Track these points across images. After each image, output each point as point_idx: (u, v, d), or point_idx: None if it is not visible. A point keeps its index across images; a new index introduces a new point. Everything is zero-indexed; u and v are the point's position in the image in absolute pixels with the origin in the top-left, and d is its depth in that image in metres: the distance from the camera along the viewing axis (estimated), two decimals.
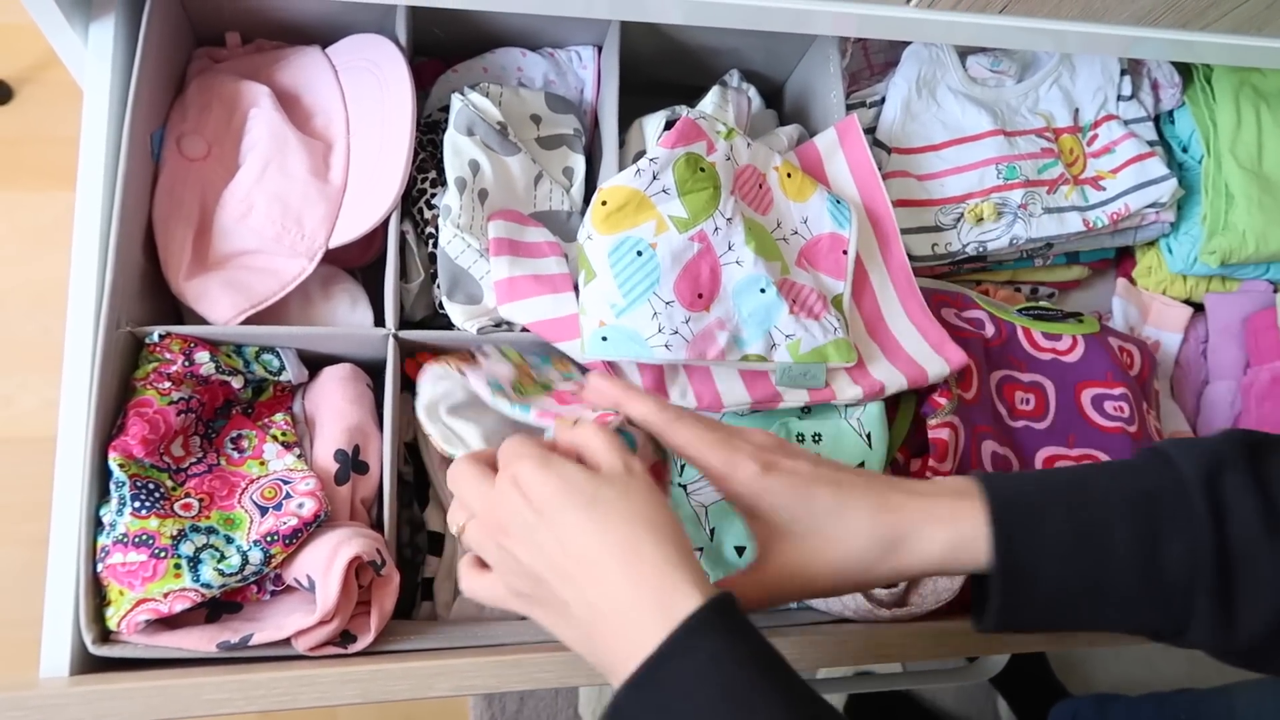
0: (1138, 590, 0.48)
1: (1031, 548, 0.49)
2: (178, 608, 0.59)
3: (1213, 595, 0.47)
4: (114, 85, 0.69)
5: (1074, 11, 0.69)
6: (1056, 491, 0.51)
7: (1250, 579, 0.47)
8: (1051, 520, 0.49)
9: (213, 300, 0.69)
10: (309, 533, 0.63)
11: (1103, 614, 0.50)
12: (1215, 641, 0.48)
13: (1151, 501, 0.49)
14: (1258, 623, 0.47)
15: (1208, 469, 0.49)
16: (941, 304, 0.82)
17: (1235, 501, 0.48)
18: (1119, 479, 0.51)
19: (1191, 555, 0.47)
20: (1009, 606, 0.50)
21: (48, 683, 0.58)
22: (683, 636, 0.43)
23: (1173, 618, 0.49)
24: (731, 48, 0.86)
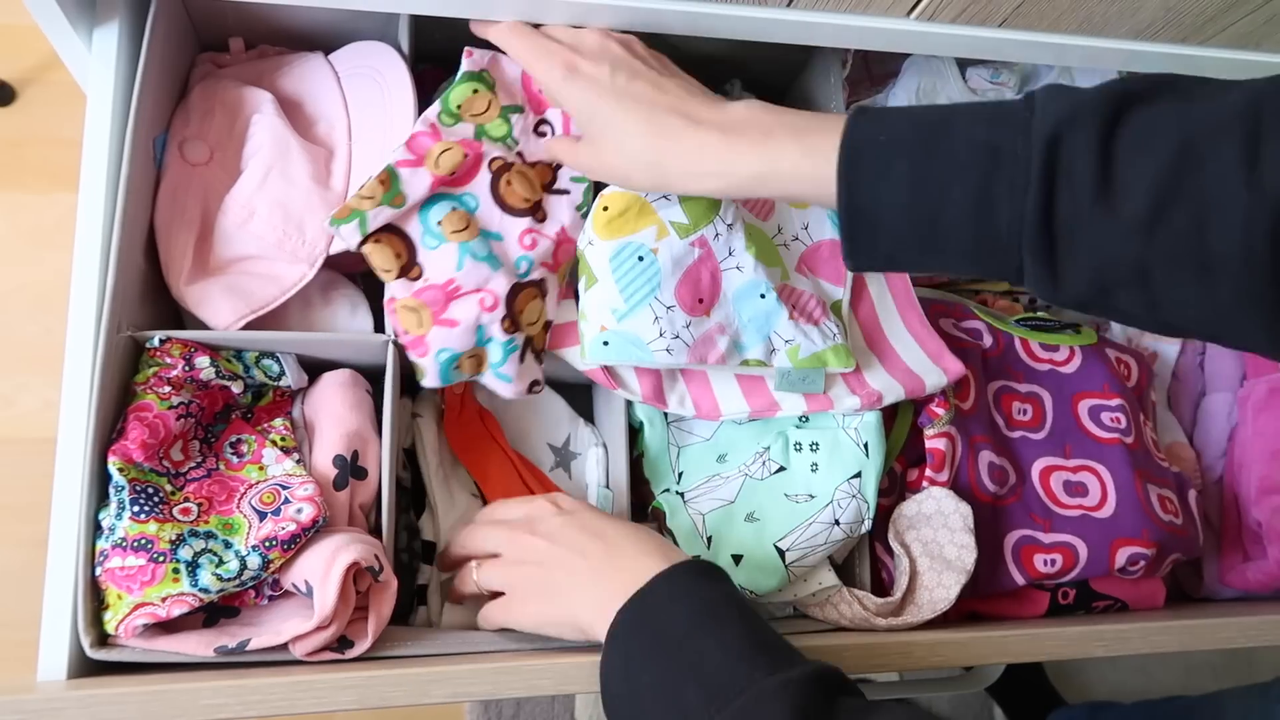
0: (971, 244, 0.51)
1: (874, 192, 0.53)
2: (175, 612, 0.59)
3: (1036, 257, 0.49)
4: (117, 90, 0.69)
5: (1074, 25, 0.70)
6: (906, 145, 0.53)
7: (1069, 245, 0.49)
8: (894, 173, 0.52)
9: (213, 305, 0.69)
10: (307, 538, 0.63)
11: (945, 261, 0.54)
12: (1044, 295, 0.52)
13: (993, 157, 0.50)
14: (1080, 283, 0.50)
15: (1057, 125, 0.49)
16: (939, 314, 0.83)
17: (1071, 165, 0.48)
18: (973, 127, 0.52)
19: (1018, 219, 0.49)
20: (854, 250, 0.55)
21: (45, 686, 0.58)
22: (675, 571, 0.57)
23: (1008, 266, 0.51)
24: (732, 57, 0.86)
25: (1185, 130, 0.47)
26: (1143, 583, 0.82)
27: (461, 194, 0.71)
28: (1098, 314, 0.55)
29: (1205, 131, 0.47)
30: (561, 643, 0.63)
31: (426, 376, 0.69)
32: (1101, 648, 0.70)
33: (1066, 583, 0.79)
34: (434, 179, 0.69)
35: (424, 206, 0.70)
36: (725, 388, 0.74)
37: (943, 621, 0.72)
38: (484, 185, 0.71)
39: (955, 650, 0.69)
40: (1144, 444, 0.83)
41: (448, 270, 0.69)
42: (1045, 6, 0.67)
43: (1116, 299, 0.50)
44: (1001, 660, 0.71)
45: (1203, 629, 0.72)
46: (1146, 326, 0.54)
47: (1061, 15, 0.68)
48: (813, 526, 0.70)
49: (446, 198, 0.71)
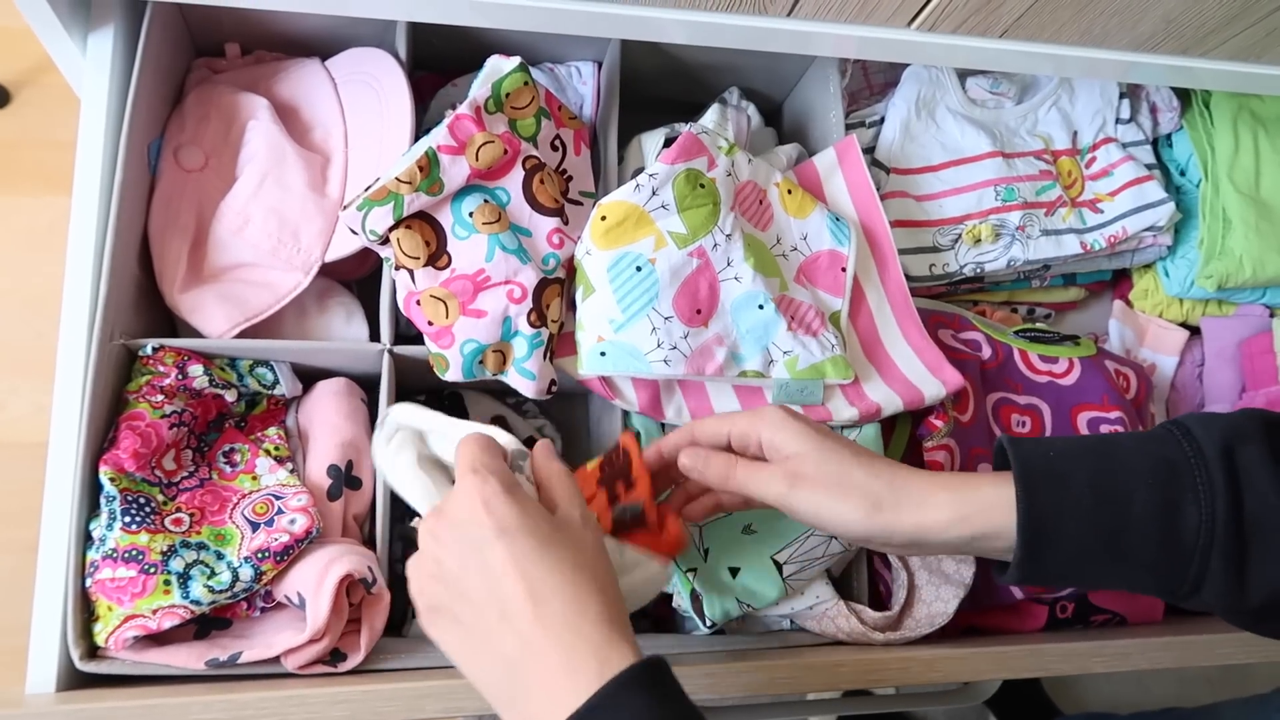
0: (1155, 553, 0.51)
1: (1054, 506, 0.52)
2: (166, 624, 0.59)
3: (1227, 558, 0.50)
4: (112, 95, 0.69)
5: (1074, 36, 0.69)
6: (1080, 456, 0.53)
7: (1263, 544, 0.50)
8: (1075, 483, 0.52)
9: (207, 313, 0.69)
10: (300, 549, 0.63)
11: (1120, 573, 0.52)
12: (1227, 602, 0.51)
13: (1171, 469, 0.51)
14: (1268, 586, 0.50)
15: (1225, 441, 0.51)
16: (939, 325, 0.82)
17: (1252, 471, 0.50)
18: (1141, 448, 0.53)
19: (1209, 521, 0.50)
20: (1031, 561, 0.52)
21: (34, 699, 0.58)
22: (614, 690, 0.43)
23: (1187, 579, 0.51)
24: (731, 65, 0.86)
25: None
26: (1141, 597, 0.81)
27: (495, 188, 0.71)
28: (1272, 625, 0.53)
29: None
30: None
31: (449, 370, 0.68)
32: (1101, 664, 0.69)
33: (1065, 596, 0.78)
34: (472, 170, 0.68)
35: (457, 197, 0.69)
36: (722, 399, 0.73)
37: (940, 636, 0.71)
38: (517, 182, 0.71)
39: (953, 665, 0.68)
40: None
41: (477, 261, 0.68)
42: (1046, 18, 0.67)
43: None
44: (1000, 676, 0.70)
45: (1201, 645, 0.72)
46: None
47: (1062, 26, 0.68)
48: (810, 540, 0.69)
49: (480, 190, 0.70)
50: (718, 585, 0.69)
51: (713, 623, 0.70)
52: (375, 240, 0.68)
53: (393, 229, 0.67)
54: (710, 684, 0.65)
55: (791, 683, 0.65)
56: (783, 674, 0.65)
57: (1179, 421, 0.53)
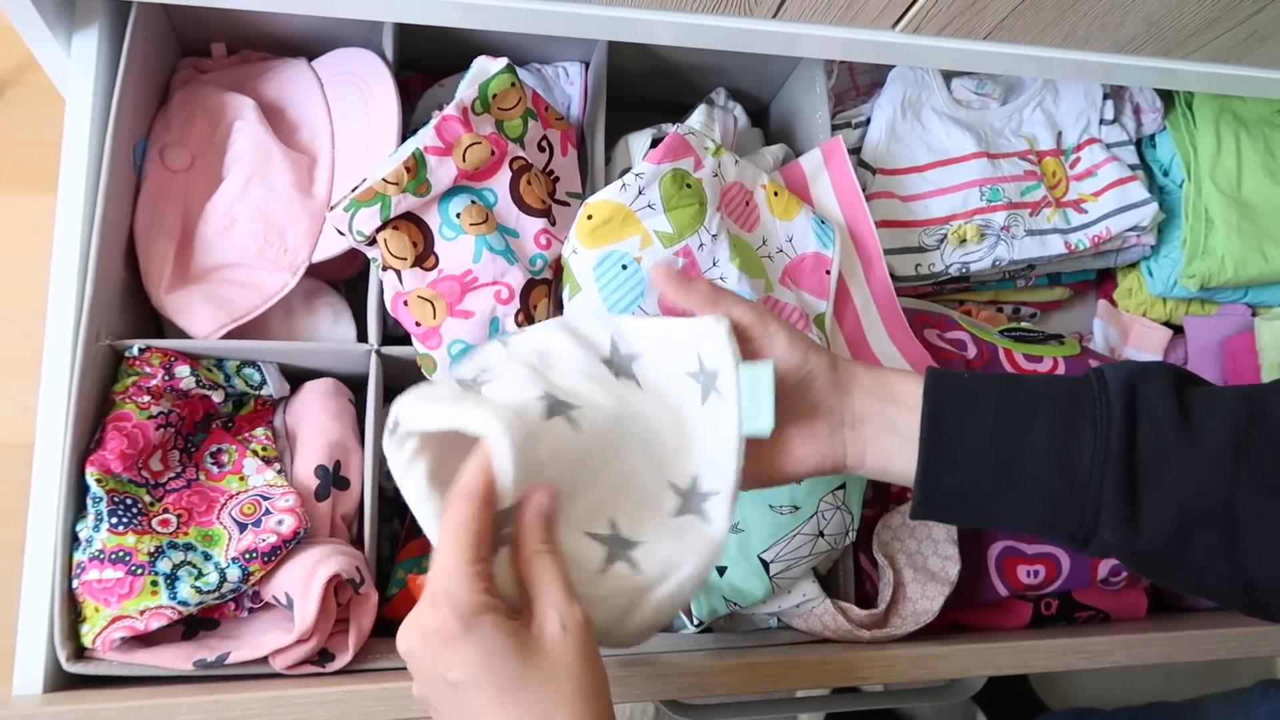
0: (1053, 483, 0.51)
1: (955, 425, 0.52)
2: (154, 625, 0.59)
3: (1119, 490, 0.49)
4: (96, 95, 0.69)
5: (1058, 39, 0.70)
6: (989, 381, 0.54)
7: (1155, 480, 0.49)
8: (979, 404, 0.52)
9: (194, 314, 0.69)
10: (288, 550, 0.63)
11: (1020, 504, 0.52)
12: (1122, 541, 0.50)
13: (1074, 398, 0.52)
14: (1161, 522, 0.49)
15: (1131, 377, 0.51)
16: (924, 324, 0.83)
17: (1151, 406, 0.50)
18: (1049, 381, 0.54)
19: (1103, 450, 0.50)
20: (931, 481, 0.52)
21: (20, 700, 0.58)
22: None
23: (1085, 515, 0.50)
24: (718, 66, 0.87)
25: (1244, 392, 0.52)
26: (1125, 593, 0.82)
27: (482, 189, 0.71)
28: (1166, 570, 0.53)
29: (1260, 391, 0.52)
30: None
31: (437, 370, 0.69)
32: (1084, 660, 0.70)
33: (1049, 594, 0.79)
34: (459, 171, 0.69)
35: (444, 198, 0.70)
36: None
37: (926, 633, 0.72)
38: (504, 183, 0.71)
39: (939, 663, 0.69)
40: None
41: (465, 262, 0.69)
42: (1030, 20, 0.67)
43: (1194, 542, 0.50)
44: (985, 673, 0.71)
45: (1184, 641, 0.73)
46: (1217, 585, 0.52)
47: (1046, 29, 0.68)
48: (797, 538, 0.69)
49: (466, 190, 0.70)
50: (705, 584, 0.69)
51: (700, 621, 0.70)
52: (362, 241, 0.68)
53: (380, 230, 0.68)
54: (698, 682, 0.65)
55: (778, 680, 0.66)
56: (770, 672, 0.66)
57: (1098, 367, 0.54)
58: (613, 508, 0.51)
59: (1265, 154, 0.91)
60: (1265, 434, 0.50)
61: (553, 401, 0.48)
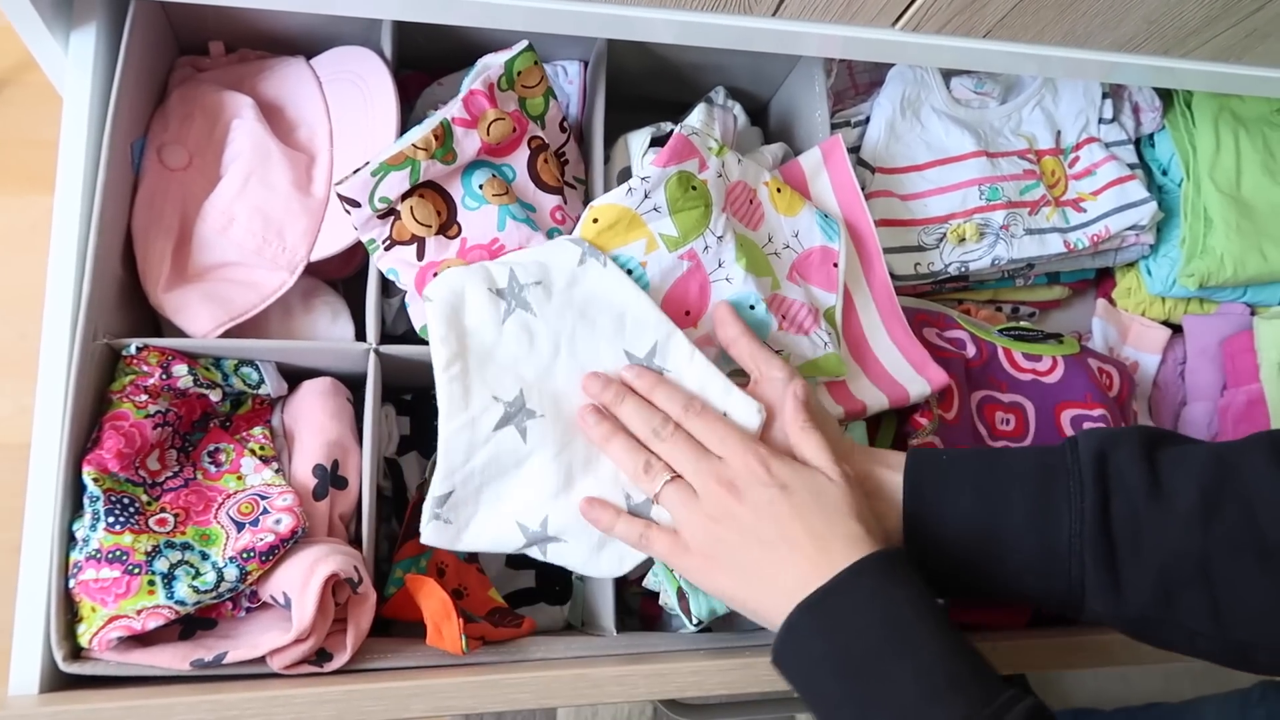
0: (1034, 555, 0.52)
1: (937, 501, 0.54)
2: (151, 625, 0.58)
3: (1099, 562, 0.51)
4: (94, 94, 0.68)
5: (1057, 37, 0.70)
6: (966, 458, 0.56)
7: (1131, 546, 0.51)
8: (955, 478, 0.55)
9: (192, 312, 0.69)
10: (286, 549, 0.63)
11: (1005, 578, 0.54)
12: (1107, 607, 0.52)
13: (1048, 473, 0.53)
14: (1142, 586, 0.51)
15: (1100, 444, 0.53)
16: (923, 323, 0.83)
17: (1122, 473, 0.52)
18: (1023, 455, 0.56)
19: (1080, 522, 0.51)
20: (921, 562, 0.53)
21: (16, 700, 0.57)
22: (865, 568, 0.50)
23: (1069, 586, 0.52)
24: (717, 65, 0.87)
25: (1214, 451, 0.53)
26: None
27: (501, 164, 0.72)
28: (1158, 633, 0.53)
29: (1231, 450, 0.53)
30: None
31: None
32: (1084, 659, 0.70)
33: None
34: (482, 144, 0.70)
35: (466, 171, 0.70)
36: None
37: None
38: (523, 160, 0.73)
39: None
40: None
41: (490, 230, 0.70)
42: (1029, 19, 0.67)
43: (1177, 603, 0.51)
44: None
45: None
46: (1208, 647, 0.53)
47: (1045, 27, 0.68)
48: None
49: (487, 165, 0.71)
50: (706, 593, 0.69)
51: (699, 621, 0.70)
52: (380, 210, 0.68)
53: (405, 197, 0.68)
54: (697, 681, 0.65)
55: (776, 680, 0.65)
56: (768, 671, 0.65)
57: (1071, 437, 0.56)
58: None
59: (1264, 153, 0.91)
60: (1234, 493, 0.50)
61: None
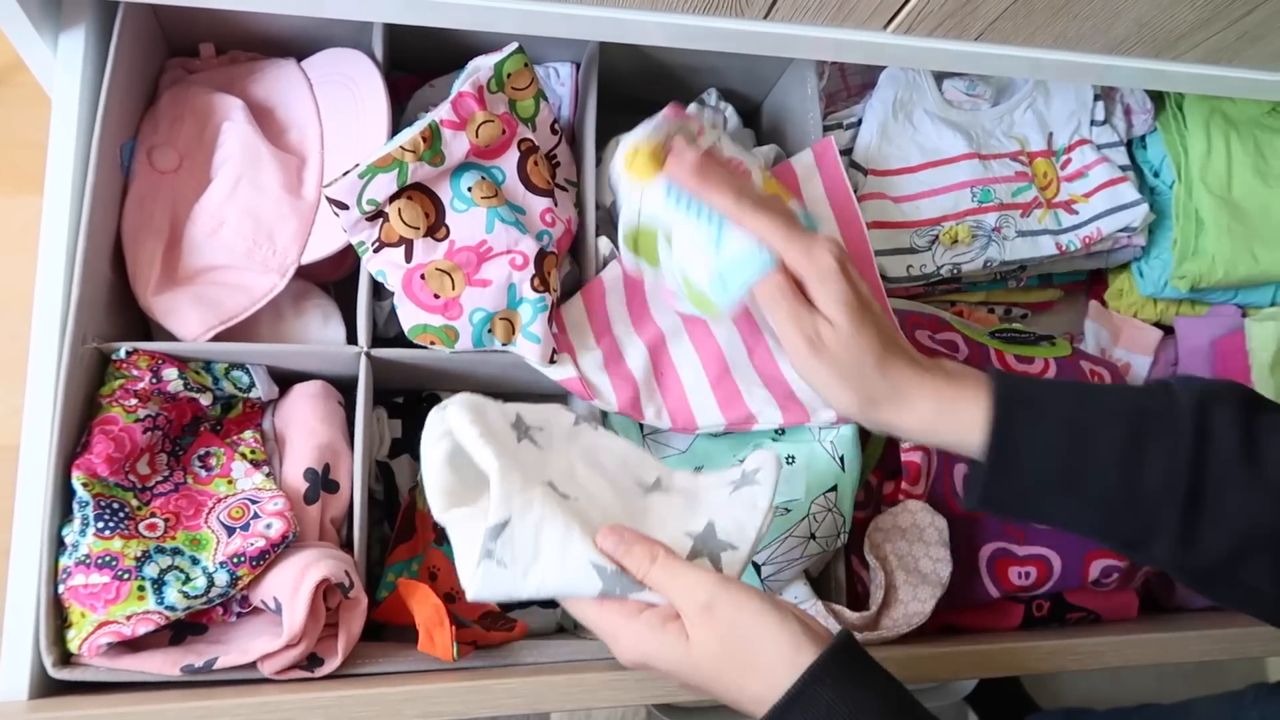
0: (1115, 493, 0.51)
1: (1025, 435, 0.53)
2: (141, 630, 0.58)
3: (1181, 511, 0.50)
4: (83, 96, 0.68)
5: (1049, 40, 0.70)
6: (1059, 391, 0.55)
7: (1218, 503, 0.50)
8: (1049, 414, 0.53)
9: (182, 316, 0.68)
10: (276, 554, 0.62)
11: (1079, 510, 0.53)
12: (1174, 557, 0.51)
13: (1144, 415, 0.52)
14: (1216, 546, 0.50)
15: (1202, 397, 0.52)
16: (915, 326, 0.83)
17: (1220, 430, 0.50)
18: (1120, 393, 0.54)
19: (1169, 469, 0.50)
20: (995, 483, 0.53)
21: (5, 706, 0.57)
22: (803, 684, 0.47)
23: (1141, 527, 0.51)
24: (710, 67, 0.86)
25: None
26: (1116, 594, 0.82)
27: (491, 166, 0.72)
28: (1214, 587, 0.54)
29: None
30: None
31: (459, 340, 0.69)
32: (1076, 661, 0.70)
33: (1041, 595, 0.79)
34: (471, 146, 0.69)
35: (455, 173, 0.70)
36: (701, 400, 0.73)
37: (918, 634, 0.72)
38: (512, 163, 0.72)
39: (931, 665, 0.69)
40: None
41: (478, 233, 0.70)
42: (1021, 21, 0.67)
43: (1246, 567, 0.51)
44: (977, 675, 0.71)
45: (1175, 642, 0.73)
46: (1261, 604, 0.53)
47: (1037, 30, 0.68)
48: (789, 540, 0.69)
49: (476, 167, 0.71)
50: None
51: None
52: (368, 212, 0.67)
53: (393, 199, 0.68)
54: None
55: None
56: None
57: (1163, 380, 0.55)
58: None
59: (1255, 155, 0.91)
60: None
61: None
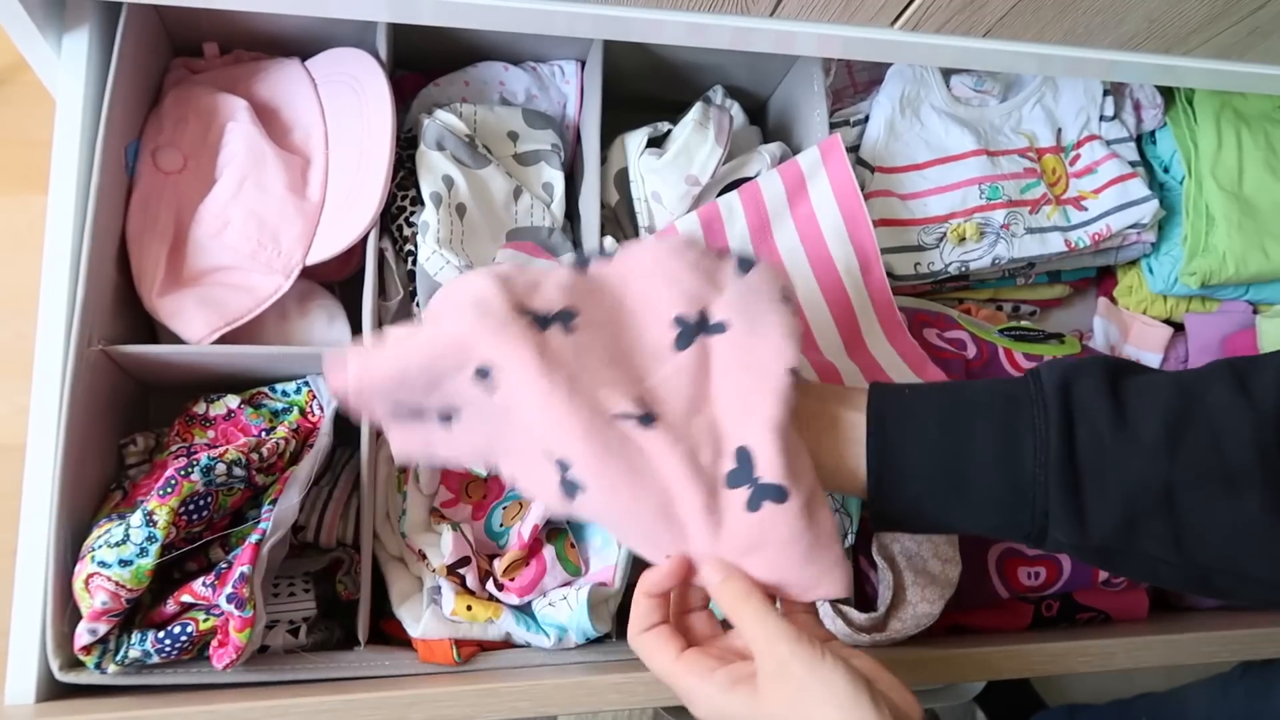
0: (999, 488, 0.51)
1: (901, 437, 0.53)
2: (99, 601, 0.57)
3: (1064, 491, 0.50)
4: (87, 97, 0.68)
5: (1058, 36, 0.69)
6: (929, 392, 0.55)
7: (1096, 477, 0.50)
8: (921, 417, 0.53)
9: (187, 317, 0.68)
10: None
11: (972, 513, 0.53)
12: (1069, 538, 0.51)
13: (1012, 402, 0.52)
14: (1107, 519, 0.50)
15: (1064, 376, 0.52)
16: (924, 324, 0.82)
17: (1086, 403, 0.51)
18: (989, 387, 0.55)
19: (1043, 450, 0.51)
20: (884, 498, 0.53)
21: (12, 710, 0.57)
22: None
23: (1034, 518, 0.51)
24: (715, 64, 0.86)
25: (1177, 379, 0.52)
26: (1126, 594, 0.81)
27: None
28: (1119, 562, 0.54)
29: (1192, 378, 0.52)
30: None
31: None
32: (1086, 663, 0.70)
33: (1050, 595, 0.79)
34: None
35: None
36: None
37: (927, 635, 0.71)
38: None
39: (939, 667, 0.68)
40: None
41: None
42: (1029, 17, 0.66)
43: (1142, 534, 0.51)
44: (986, 677, 0.71)
45: (1186, 643, 0.72)
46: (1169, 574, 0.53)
47: (1046, 26, 0.68)
48: None
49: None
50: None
51: None
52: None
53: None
54: None
55: None
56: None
57: (1033, 368, 0.55)
58: None
59: (1266, 150, 0.91)
60: (1197, 421, 0.50)
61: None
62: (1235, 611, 0.88)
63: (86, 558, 0.58)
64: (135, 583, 0.57)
